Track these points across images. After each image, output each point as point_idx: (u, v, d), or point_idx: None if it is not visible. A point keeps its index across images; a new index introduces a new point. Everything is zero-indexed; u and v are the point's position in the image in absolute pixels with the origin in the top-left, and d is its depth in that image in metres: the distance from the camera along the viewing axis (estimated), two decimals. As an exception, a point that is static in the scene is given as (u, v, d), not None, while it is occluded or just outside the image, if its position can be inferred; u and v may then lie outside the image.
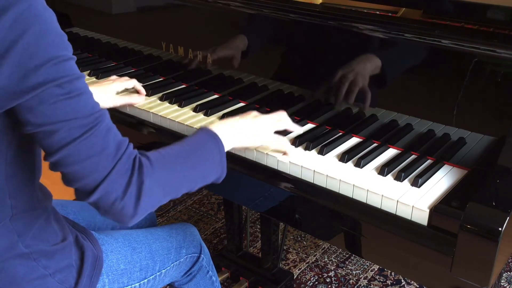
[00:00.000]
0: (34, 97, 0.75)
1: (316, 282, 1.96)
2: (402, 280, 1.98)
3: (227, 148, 0.99)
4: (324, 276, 2.00)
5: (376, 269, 2.03)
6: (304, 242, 2.19)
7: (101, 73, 1.59)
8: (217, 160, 0.95)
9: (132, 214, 0.83)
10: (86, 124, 0.79)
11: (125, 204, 0.82)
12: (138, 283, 1.11)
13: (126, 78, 1.40)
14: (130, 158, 0.83)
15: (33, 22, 0.73)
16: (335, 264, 2.07)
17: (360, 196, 1.02)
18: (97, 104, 0.81)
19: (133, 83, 1.39)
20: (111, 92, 1.33)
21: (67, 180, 0.81)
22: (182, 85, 1.52)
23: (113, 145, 0.81)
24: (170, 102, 1.40)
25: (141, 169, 0.83)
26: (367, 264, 2.06)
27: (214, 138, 0.97)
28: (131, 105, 1.38)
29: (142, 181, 0.83)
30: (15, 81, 0.73)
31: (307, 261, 2.08)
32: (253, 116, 1.10)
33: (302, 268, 2.04)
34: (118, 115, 1.41)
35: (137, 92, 1.42)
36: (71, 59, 0.78)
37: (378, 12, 1.24)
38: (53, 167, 0.81)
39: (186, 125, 1.27)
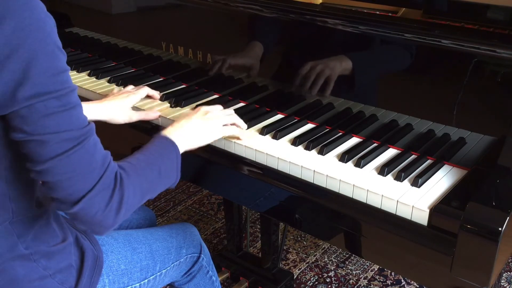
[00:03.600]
0: (30, 107, 0.75)
1: (316, 282, 1.96)
2: (402, 280, 1.98)
3: (181, 151, 1.04)
4: (324, 276, 2.00)
5: (376, 269, 2.03)
6: (304, 242, 2.20)
7: (101, 73, 1.59)
8: (174, 166, 1.00)
9: (110, 225, 0.86)
10: (77, 137, 0.80)
11: (106, 216, 0.84)
12: (138, 283, 1.11)
13: (141, 86, 1.38)
14: (112, 172, 0.85)
15: (35, 30, 0.73)
16: (335, 264, 2.07)
17: (360, 196, 1.02)
18: (86, 118, 0.83)
19: (146, 91, 1.37)
20: (127, 106, 1.30)
21: (50, 188, 0.81)
22: (182, 85, 1.52)
23: (99, 159, 0.83)
24: (170, 102, 1.40)
25: (122, 183, 0.86)
26: (367, 264, 2.06)
27: (172, 146, 1.01)
28: (145, 121, 1.34)
29: (123, 194, 0.85)
30: (12, 88, 0.73)
31: (307, 261, 2.08)
32: (203, 114, 1.14)
33: (302, 268, 2.04)
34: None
35: (150, 97, 1.41)
36: (67, 70, 0.79)
37: (378, 12, 1.24)
38: (37, 175, 0.81)
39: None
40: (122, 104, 1.29)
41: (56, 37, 0.77)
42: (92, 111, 1.23)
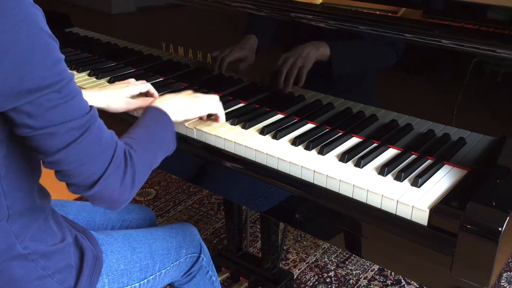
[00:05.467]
0: (32, 102, 0.75)
1: (316, 282, 1.96)
2: (402, 280, 1.98)
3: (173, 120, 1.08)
4: (324, 276, 2.00)
5: (376, 269, 2.03)
6: (304, 242, 2.19)
7: (101, 73, 1.59)
8: (170, 134, 1.04)
9: (127, 199, 0.90)
10: (83, 123, 0.81)
11: (122, 192, 0.87)
12: (138, 283, 1.11)
13: (142, 81, 1.38)
14: (121, 150, 0.88)
15: (26, 25, 0.73)
16: (335, 264, 2.07)
17: (360, 196, 1.02)
18: (87, 102, 0.84)
19: (147, 86, 1.37)
20: (124, 95, 1.30)
21: (65, 176, 0.84)
22: (182, 85, 1.52)
23: (108, 140, 0.86)
24: (170, 102, 1.40)
25: (131, 159, 0.89)
26: (367, 264, 2.06)
27: (165, 115, 1.06)
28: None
29: (135, 169, 0.89)
30: (10, 85, 0.73)
31: (307, 261, 2.08)
32: (189, 92, 1.21)
33: (302, 268, 2.04)
34: (118, 114, 1.40)
35: (149, 95, 1.40)
36: (62, 58, 0.79)
37: (378, 12, 1.24)
38: (51, 165, 0.83)
39: (186, 126, 1.27)
40: (120, 93, 1.29)
41: (47, 27, 0.77)
42: (90, 99, 1.22)
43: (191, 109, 1.18)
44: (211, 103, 1.22)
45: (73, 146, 0.80)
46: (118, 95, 1.29)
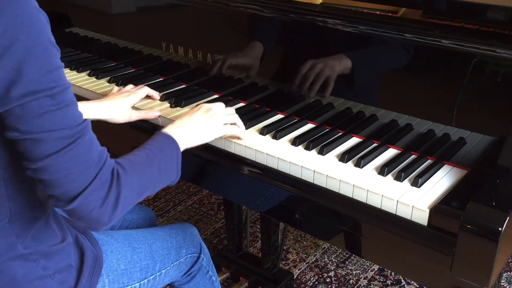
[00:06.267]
0: (23, 105, 0.74)
1: (316, 282, 1.96)
2: (402, 280, 1.98)
3: (182, 149, 1.04)
4: (324, 276, 2.00)
5: (376, 269, 2.03)
6: (304, 242, 2.19)
7: (101, 73, 1.59)
8: (174, 164, 1.00)
9: (107, 221, 0.85)
10: (72, 134, 0.79)
11: (102, 213, 0.83)
12: (138, 283, 1.11)
13: (140, 86, 1.37)
14: (109, 169, 0.84)
15: (27, 27, 0.73)
16: (335, 264, 2.07)
17: (360, 196, 1.02)
18: (81, 114, 0.82)
19: (146, 91, 1.36)
20: (126, 106, 1.29)
21: (46, 186, 0.81)
22: (182, 85, 1.52)
23: (95, 156, 0.83)
24: (170, 102, 1.40)
25: (118, 179, 0.85)
26: (367, 264, 2.06)
27: (173, 143, 1.01)
28: (145, 120, 1.34)
29: (120, 191, 0.85)
30: (5, 87, 0.73)
31: (307, 261, 2.08)
32: (205, 111, 1.13)
33: (302, 268, 2.04)
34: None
35: (150, 98, 1.40)
36: (61, 67, 0.78)
37: (378, 12, 1.24)
38: (33, 173, 0.80)
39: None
40: (122, 103, 1.29)
41: (50, 33, 0.77)
42: (92, 110, 1.23)
43: (205, 135, 1.12)
44: (225, 128, 1.16)
45: (58, 156, 0.78)
46: (121, 106, 1.28)
